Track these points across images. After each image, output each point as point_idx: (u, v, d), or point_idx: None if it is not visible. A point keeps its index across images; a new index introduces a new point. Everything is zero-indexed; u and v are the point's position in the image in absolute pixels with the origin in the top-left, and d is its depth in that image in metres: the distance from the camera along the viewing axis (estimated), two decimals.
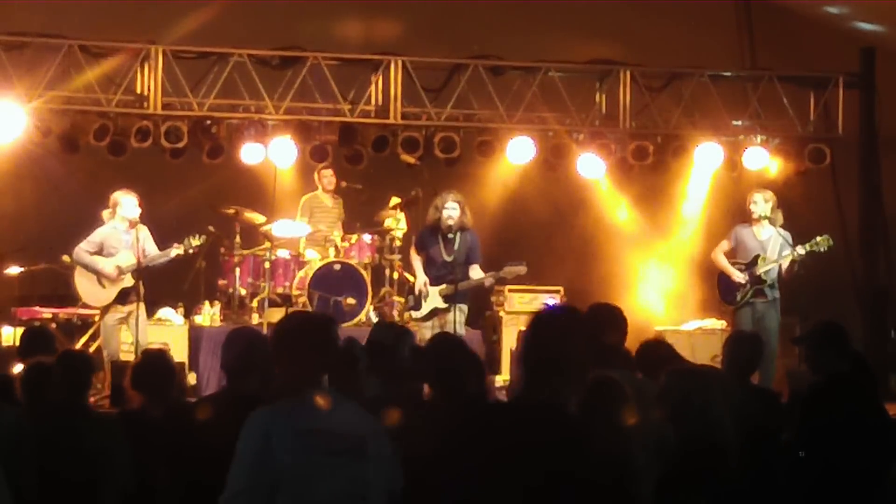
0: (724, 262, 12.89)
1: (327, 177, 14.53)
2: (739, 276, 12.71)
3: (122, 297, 12.39)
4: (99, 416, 7.06)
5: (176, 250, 12.49)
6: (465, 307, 12.56)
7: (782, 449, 6.89)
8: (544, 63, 14.57)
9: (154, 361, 7.34)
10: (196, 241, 12.61)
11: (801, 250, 12.63)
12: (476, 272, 12.53)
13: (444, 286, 12.47)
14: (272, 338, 5.21)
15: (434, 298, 12.54)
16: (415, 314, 12.72)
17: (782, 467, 6.72)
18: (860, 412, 6.64)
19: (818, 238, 12.74)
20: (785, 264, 12.66)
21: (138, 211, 12.33)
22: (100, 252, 12.41)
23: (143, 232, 12.44)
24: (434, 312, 12.55)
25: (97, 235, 12.42)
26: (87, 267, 12.41)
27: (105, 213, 12.46)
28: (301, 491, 4.78)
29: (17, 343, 8.93)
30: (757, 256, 12.72)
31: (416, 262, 12.76)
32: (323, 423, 4.85)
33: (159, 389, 7.03)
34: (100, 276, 12.39)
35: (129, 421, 6.95)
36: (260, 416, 4.93)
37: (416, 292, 12.68)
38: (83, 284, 12.49)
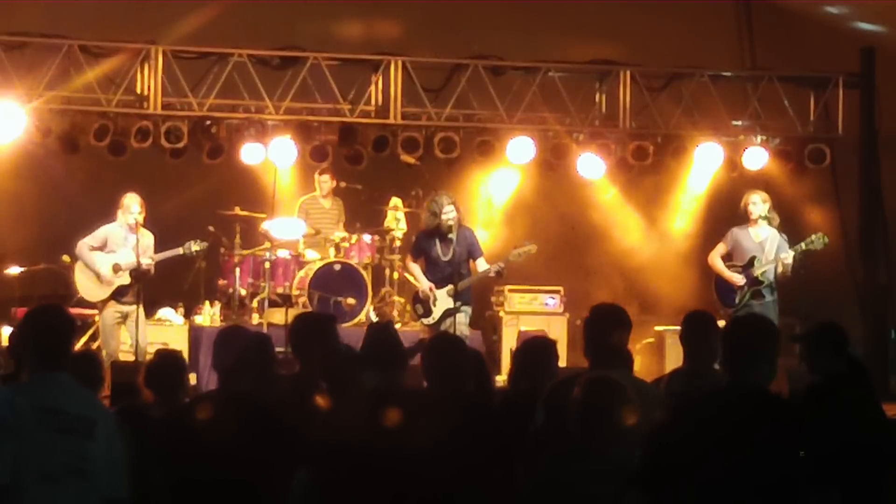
0: (720, 266, 12.86)
1: (324, 182, 14.53)
2: (738, 279, 12.68)
3: (119, 294, 12.40)
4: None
5: (173, 252, 12.53)
6: (468, 309, 12.52)
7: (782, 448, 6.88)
8: (544, 63, 14.58)
9: (170, 362, 7.37)
10: (196, 247, 12.65)
11: (796, 248, 12.60)
12: (483, 265, 12.48)
13: (451, 287, 12.38)
14: (18, 326, 5.82)
15: (444, 300, 12.43)
16: (426, 321, 12.53)
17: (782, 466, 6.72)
18: (858, 413, 6.64)
19: (812, 236, 12.72)
20: (780, 265, 12.63)
21: (134, 216, 12.33)
22: (103, 248, 12.44)
23: (147, 239, 12.45)
24: (446, 314, 12.45)
25: (102, 231, 12.47)
26: (85, 263, 12.44)
27: (119, 212, 12.50)
28: (32, 460, 5.41)
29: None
30: (753, 258, 12.69)
31: (416, 269, 12.64)
32: (56, 403, 5.46)
33: (170, 390, 7.05)
34: (97, 273, 12.43)
35: (126, 417, 6.93)
36: (6, 392, 5.69)
37: (424, 298, 12.58)
38: (82, 280, 12.52)
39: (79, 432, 5.49)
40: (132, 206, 12.35)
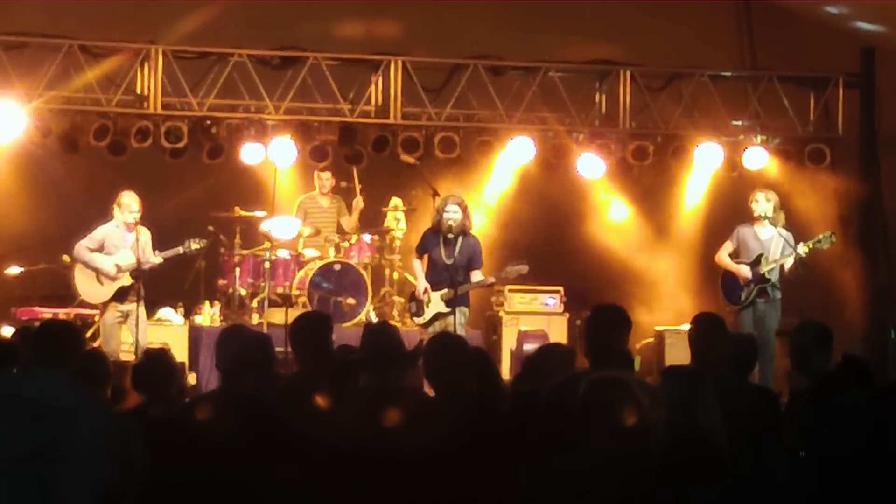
0: (728, 262, 12.84)
1: (325, 179, 14.53)
2: (745, 270, 12.65)
3: (120, 296, 12.39)
4: (118, 416, 7.07)
5: (173, 251, 12.50)
6: (466, 310, 12.50)
7: (782, 448, 6.89)
8: (544, 63, 14.58)
9: (155, 361, 7.34)
10: (196, 245, 12.63)
11: (803, 248, 12.60)
12: (476, 276, 12.45)
13: (445, 290, 12.35)
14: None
15: (436, 303, 12.42)
16: (417, 320, 12.56)
17: (782, 466, 6.72)
18: (860, 412, 6.64)
19: (820, 235, 12.73)
20: (787, 264, 12.64)
21: (134, 216, 12.32)
22: (100, 250, 12.42)
23: (145, 236, 12.44)
24: (437, 317, 12.42)
25: (99, 233, 12.45)
26: (86, 264, 12.42)
27: (115, 210, 12.47)
28: (2, 442, 5.78)
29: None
30: (760, 256, 12.70)
31: (417, 266, 12.63)
32: (23, 392, 5.83)
33: (159, 389, 7.03)
34: (98, 273, 12.40)
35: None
36: None
37: (418, 298, 12.56)
38: (82, 282, 12.50)
39: (50, 420, 5.75)
40: (132, 204, 12.34)
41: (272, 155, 13.95)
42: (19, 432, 5.79)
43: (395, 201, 14.53)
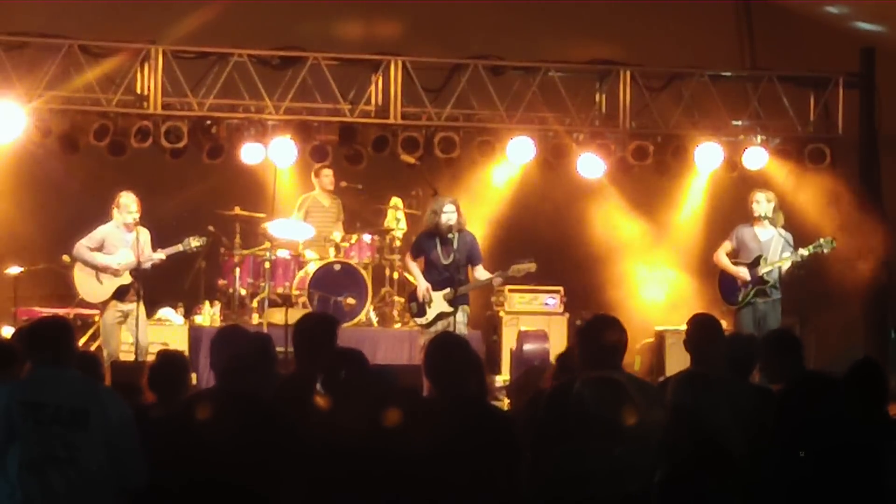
0: (726, 262, 12.86)
1: (327, 176, 14.51)
2: (743, 273, 12.66)
3: (120, 294, 12.40)
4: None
5: (173, 248, 12.50)
6: (466, 308, 12.49)
7: (781, 447, 6.88)
8: (544, 63, 14.58)
9: (173, 362, 7.38)
10: (196, 242, 12.62)
11: (803, 252, 12.60)
12: (481, 272, 12.44)
13: (448, 290, 12.33)
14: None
15: (439, 303, 12.39)
16: (419, 320, 12.51)
17: (781, 466, 6.71)
18: (833, 415, 6.63)
19: (821, 240, 12.73)
20: (786, 266, 12.64)
21: (133, 216, 12.32)
22: (100, 249, 12.44)
23: (144, 235, 12.45)
24: (440, 317, 12.39)
25: (99, 232, 12.47)
26: (86, 263, 12.43)
27: (114, 211, 12.48)
28: (22, 447, 5.97)
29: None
30: (759, 257, 12.69)
31: (414, 267, 12.60)
32: (36, 397, 6.00)
33: (173, 391, 7.06)
34: (99, 271, 12.42)
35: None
36: (2, 389, 6.21)
37: (420, 299, 12.54)
38: (81, 281, 12.51)
39: (63, 422, 5.92)
40: (131, 205, 12.35)
41: (272, 155, 13.95)
42: (37, 437, 5.92)
43: (395, 201, 14.53)
